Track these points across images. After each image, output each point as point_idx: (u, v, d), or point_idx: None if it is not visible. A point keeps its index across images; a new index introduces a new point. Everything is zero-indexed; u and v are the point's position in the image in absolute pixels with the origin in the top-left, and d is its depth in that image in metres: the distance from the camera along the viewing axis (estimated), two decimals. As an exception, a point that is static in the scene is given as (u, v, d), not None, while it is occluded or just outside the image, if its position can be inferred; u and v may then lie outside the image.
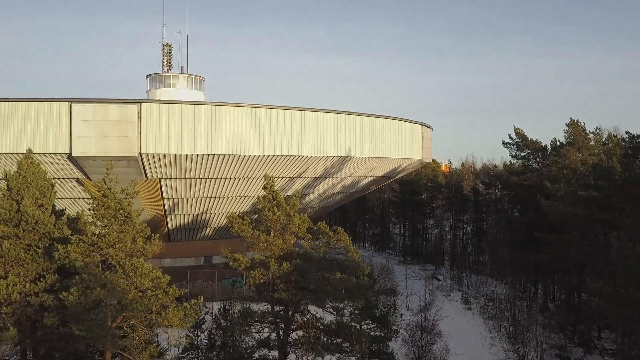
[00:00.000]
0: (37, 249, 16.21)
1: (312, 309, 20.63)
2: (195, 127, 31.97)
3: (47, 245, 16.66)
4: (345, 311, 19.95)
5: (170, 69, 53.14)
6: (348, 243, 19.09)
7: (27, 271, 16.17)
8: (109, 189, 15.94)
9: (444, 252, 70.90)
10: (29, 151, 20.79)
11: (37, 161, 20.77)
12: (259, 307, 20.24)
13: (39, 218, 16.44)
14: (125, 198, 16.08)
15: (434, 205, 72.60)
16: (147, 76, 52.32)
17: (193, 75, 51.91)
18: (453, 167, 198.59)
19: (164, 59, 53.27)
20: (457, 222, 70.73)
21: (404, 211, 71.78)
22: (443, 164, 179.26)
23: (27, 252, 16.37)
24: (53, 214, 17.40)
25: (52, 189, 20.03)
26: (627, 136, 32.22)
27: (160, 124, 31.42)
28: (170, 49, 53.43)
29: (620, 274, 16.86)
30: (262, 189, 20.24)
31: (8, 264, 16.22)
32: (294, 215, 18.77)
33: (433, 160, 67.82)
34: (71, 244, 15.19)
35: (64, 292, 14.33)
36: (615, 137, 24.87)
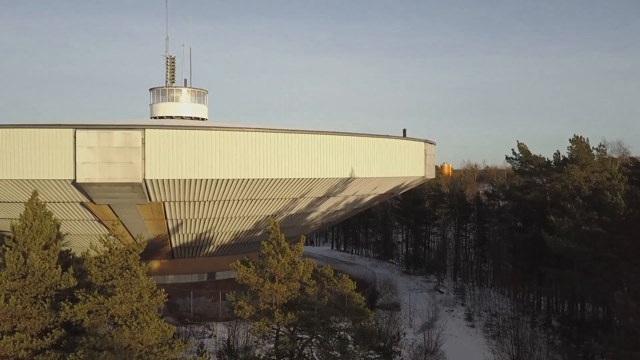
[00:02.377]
0: (44, 303, 16.32)
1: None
2: (199, 152, 32.03)
3: (53, 297, 16.77)
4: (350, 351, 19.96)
5: (173, 82, 53.23)
6: (352, 288, 19.17)
7: (33, 325, 16.29)
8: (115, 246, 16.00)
9: (446, 260, 71.04)
10: (35, 194, 20.87)
11: (42, 202, 20.88)
12: (262, 351, 20.30)
13: (45, 271, 16.54)
14: (131, 253, 16.17)
15: (436, 213, 72.65)
16: (151, 89, 52.37)
17: (196, 88, 51.97)
18: (455, 169, 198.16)
19: (167, 72, 53.34)
20: (460, 231, 70.82)
21: (407, 219, 71.91)
22: (446, 166, 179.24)
23: (34, 305, 16.48)
24: (59, 265, 17.46)
25: (58, 230, 20.17)
26: (631, 162, 32.10)
27: (163, 149, 31.48)
28: (173, 62, 53.51)
29: (624, 334, 16.83)
30: (267, 232, 20.30)
31: (15, 317, 16.33)
32: (298, 262, 18.84)
33: (435, 166, 67.83)
34: (77, 304, 15.29)
35: (70, 354, 14.45)
36: (619, 172, 24.68)
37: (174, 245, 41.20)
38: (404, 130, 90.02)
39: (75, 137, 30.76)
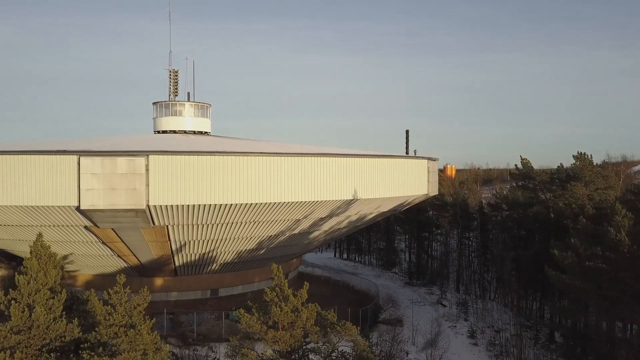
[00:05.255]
0: (49, 357, 16.41)
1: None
2: (202, 177, 32.06)
3: (58, 349, 16.86)
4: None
5: (176, 95, 53.18)
6: (355, 334, 19.23)
7: (39, 379, 16.39)
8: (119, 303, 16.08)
9: (449, 268, 71.17)
10: (39, 236, 20.98)
11: (47, 244, 21.00)
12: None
13: (50, 323, 16.62)
14: (136, 308, 16.24)
15: (440, 223, 72.73)
16: (154, 103, 52.34)
17: (199, 102, 51.96)
18: (458, 168, 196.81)
19: (170, 85, 53.31)
20: (463, 239, 70.90)
21: (411, 228, 72.00)
22: (448, 167, 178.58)
23: (39, 358, 16.57)
24: (64, 313, 17.55)
25: (63, 271, 20.29)
26: (634, 187, 32.03)
27: (167, 175, 31.52)
28: (176, 76, 53.48)
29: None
30: (270, 278, 20.34)
31: (20, 371, 16.43)
32: (302, 309, 18.87)
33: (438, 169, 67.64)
34: (83, 363, 15.40)
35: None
36: (623, 208, 24.50)
37: (177, 264, 41.31)
38: (407, 132, 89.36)
39: (79, 164, 30.81)
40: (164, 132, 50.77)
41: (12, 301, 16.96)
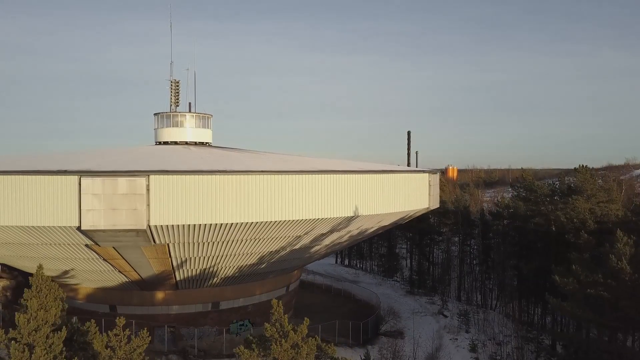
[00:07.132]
0: (49, 398, 16.44)
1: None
2: (202, 197, 32.02)
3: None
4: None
5: (177, 105, 53.10)
6: (356, 369, 19.19)
7: (39, 420, 16.41)
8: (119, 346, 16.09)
9: (450, 274, 71.17)
10: (40, 267, 20.98)
11: (48, 276, 20.99)
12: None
13: (51, 364, 16.61)
14: (135, 350, 16.24)
15: (442, 230, 72.73)
16: (155, 114, 52.31)
17: (200, 113, 51.89)
18: (460, 169, 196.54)
19: (171, 95, 53.24)
20: (464, 247, 70.88)
21: (412, 235, 71.98)
22: (450, 168, 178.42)
23: (39, 398, 16.58)
24: (64, 350, 17.54)
25: (63, 303, 20.30)
26: (635, 206, 32.05)
27: (167, 195, 31.49)
28: (177, 86, 53.41)
29: None
30: (269, 311, 20.32)
31: (20, 412, 16.45)
32: (302, 345, 18.85)
33: (440, 170, 67.61)
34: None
35: None
36: (624, 236, 24.35)
37: (178, 279, 41.33)
38: (409, 133, 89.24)
39: (80, 185, 30.80)
40: (165, 143, 50.74)
41: (12, 341, 16.96)
